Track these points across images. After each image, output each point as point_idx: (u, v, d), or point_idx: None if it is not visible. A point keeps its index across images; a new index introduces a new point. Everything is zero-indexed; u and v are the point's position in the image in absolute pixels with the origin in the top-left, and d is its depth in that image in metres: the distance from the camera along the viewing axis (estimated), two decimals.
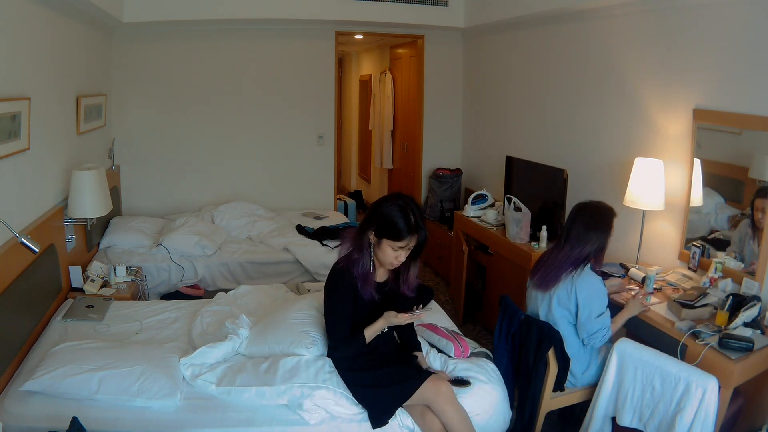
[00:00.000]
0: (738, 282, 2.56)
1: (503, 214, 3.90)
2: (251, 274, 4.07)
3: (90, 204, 3.24)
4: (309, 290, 3.40)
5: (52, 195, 3.21)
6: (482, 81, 5.18)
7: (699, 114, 2.79)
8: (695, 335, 2.30)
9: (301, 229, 4.52)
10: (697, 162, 2.84)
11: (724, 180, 2.81)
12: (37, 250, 2.43)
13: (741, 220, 2.67)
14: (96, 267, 3.47)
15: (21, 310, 2.56)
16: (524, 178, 4.00)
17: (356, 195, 7.77)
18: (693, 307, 2.45)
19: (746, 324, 2.30)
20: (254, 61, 5.10)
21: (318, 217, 4.96)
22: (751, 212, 2.58)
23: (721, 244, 2.77)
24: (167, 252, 3.95)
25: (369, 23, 5.01)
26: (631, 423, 2.34)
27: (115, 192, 4.56)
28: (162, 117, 4.99)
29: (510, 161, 4.14)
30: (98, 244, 4.04)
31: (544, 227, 3.46)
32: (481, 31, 5.06)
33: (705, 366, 2.18)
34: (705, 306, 2.47)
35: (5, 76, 2.56)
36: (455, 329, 2.85)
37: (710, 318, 2.43)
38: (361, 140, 8.27)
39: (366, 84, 7.85)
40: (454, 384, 2.35)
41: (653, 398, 2.26)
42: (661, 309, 2.58)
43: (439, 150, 5.67)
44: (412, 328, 2.61)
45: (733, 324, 2.29)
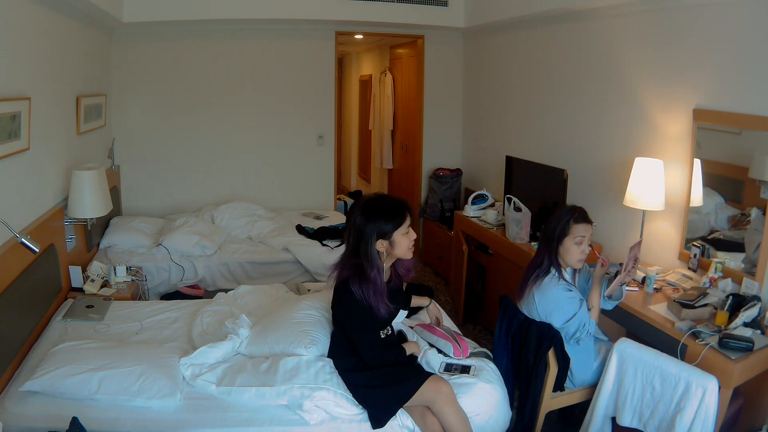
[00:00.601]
0: (738, 282, 2.56)
1: (503, 214, 3.90)
2: (251, 274, 4.07)
3: (90, 204, 3.25)
4: (309, 290, 3.40)
5: (52, 195, 3.21)
6: (482, 81, 5.18)
7: (699, 114, 2.79)
8: (695, 335, 2.30)
9: (301, 229, 4.52)
10: (697, 162, 2.84)
11: (724, 180, 2.81)
12: (37, 250, 2.43)
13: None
14: (96, 267, 3.47)
15: (21, 310, 2.56)
16: (524, 178, 4.00)
17: (356, 195, 7.76)
18: (693, 307, 2.45)
19: (746, 324, 2.30)
20: (254, 61, 5.10)
21: (318, 217, 4.96)
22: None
23: (722, 244, 2.77)
24: (167, 252, 3.96)
25: (369, 23, 5.00)
26: (631, 423, 2.34)
27: (115, 192, 4.56)
28: (162, 117, 4.99)
29: (510, 161, 4.14)
30: (98, 244, 4.04)
31: (544, 227, 3.45)
32: (481, 31, 5.05)
33: (705, 366, 2.18)
34: (705, 306, 2.47)
35: (5, 76, 2.56)
36: (455, 329, 2.85)
37: (710, 318, 2.43)
38: (361, 140, 8.26)
39: (366, 84, 7.84)
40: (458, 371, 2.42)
41: (653, 398, 2.26)
42: (661, 309, 2.58)
43: (439, 150, 5.67)
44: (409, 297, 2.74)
45: (733, 324, 2.29)
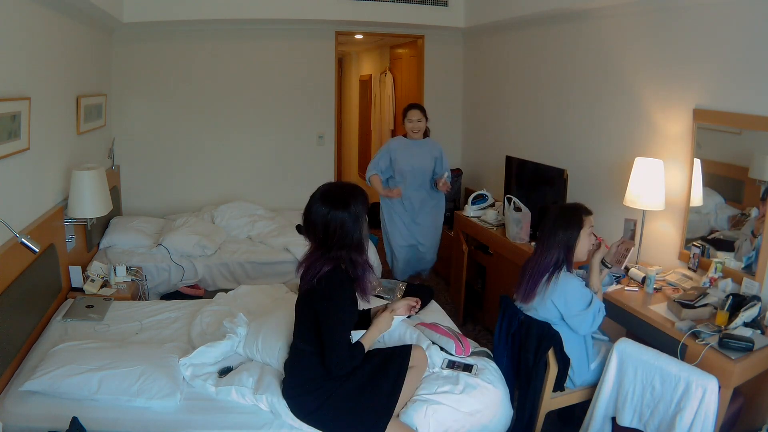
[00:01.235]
0: (738, 282, 2.56)
1: (503, 214, 3.90)
2: (251, 274, 4.07)
3: (90, 204, 3.25)
4: None
5: (52, 195, 3.21)
6: (482, 81, 5.18)
7: (699, 114, 2.79)
8: (695, 335, 2.30)
9: (301, 229, 4.50)
10: (697, 162, 2.84)
11: (724, 180, 2.81)
12: (37, 250, 2.43)
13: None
14: (96, 267, 3.47)
15: (21, 310, 2.56)
16: (524, 178, 4.00)
17: None
18: (693, 307, 2.45)
19: (746, 324, 2.30)
20: (254, 61, 5.10)
21: None
22: None
23: (722, 244, 2.77)
24: (167, 252, 3.95)
25: (369, 23, 5.00)
26: (631, 423, 2.34)
27: (115, 192, 4.56)
28: (162, 117, 4.99)
29: (510, 161, 4.14)
30: (98, 244, 4.04)
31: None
32: (481, 31, 5.05)
33: (705, 366, 2.18)
34: (705, 306, 2.46)
35: (5, 76, 2.56)
36: (456, 329, 2.85)
37: (710, 318, 2.42)
38: (361, 140, 8.26)
39: (366, 84, 7.84)
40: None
41: (653, 398, 2.26)
42: (661, 309, 2.57)
43: None
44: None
45: (733, 324, 2.29)
